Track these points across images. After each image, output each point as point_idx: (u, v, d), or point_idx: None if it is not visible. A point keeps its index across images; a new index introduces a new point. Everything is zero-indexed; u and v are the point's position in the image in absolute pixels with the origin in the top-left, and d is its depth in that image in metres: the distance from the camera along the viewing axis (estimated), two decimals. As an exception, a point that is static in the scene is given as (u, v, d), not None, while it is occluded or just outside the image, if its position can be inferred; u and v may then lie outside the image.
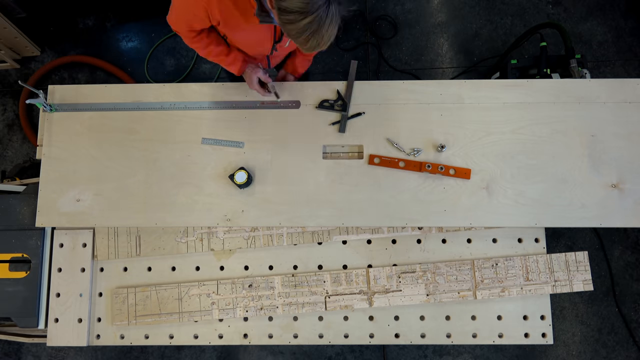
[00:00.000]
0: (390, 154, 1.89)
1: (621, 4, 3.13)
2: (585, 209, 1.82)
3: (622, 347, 2.77)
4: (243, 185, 1.83)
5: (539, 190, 1.84)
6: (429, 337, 1.87)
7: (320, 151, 1.90)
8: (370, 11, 3.21)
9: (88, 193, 1.91)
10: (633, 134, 1.87)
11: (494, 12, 3.18)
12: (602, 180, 1.84)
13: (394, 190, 1.86)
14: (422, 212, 1.84)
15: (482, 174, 1.86)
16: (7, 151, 3.15)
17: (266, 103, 1.94)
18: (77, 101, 1.99)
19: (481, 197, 1.84)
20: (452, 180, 1.86)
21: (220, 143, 1.92)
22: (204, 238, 1.94)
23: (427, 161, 1.86)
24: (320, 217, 1.86)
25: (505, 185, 1.85)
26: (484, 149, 1.87)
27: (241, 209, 1.87)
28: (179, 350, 2.86)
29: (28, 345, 2.92)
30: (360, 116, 1.92)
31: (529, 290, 1.85)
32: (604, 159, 1.85)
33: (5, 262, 1.98)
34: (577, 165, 1.85)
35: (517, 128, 1.88)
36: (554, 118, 1.89)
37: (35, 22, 3.13)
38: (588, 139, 1.87)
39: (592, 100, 1.90)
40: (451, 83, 1.94)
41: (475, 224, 1.83)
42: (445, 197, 1.85)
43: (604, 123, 1.88)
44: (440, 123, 1.90)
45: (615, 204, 1.83)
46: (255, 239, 1.93)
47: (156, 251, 1.94)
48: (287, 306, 1.88)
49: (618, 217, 1.82)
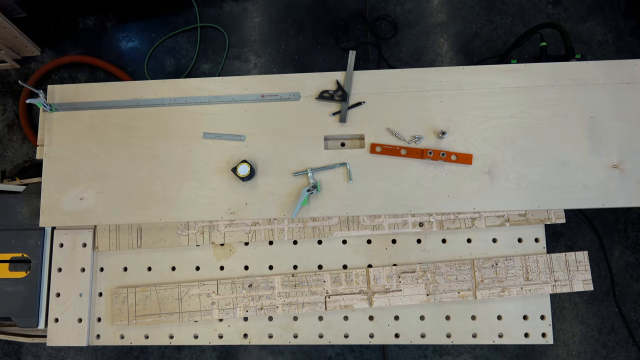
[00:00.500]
0: (392, 142, 1.89)
1: (621, 4, 3.13)
2: (587, 190, 1.84)
3: (622, 347, 2.77)
4: (246, 178, 1.84)
5: (540, 173, 1.85)
6: (429, 337, 1.87)
7: (321, 142, 1.91)
8: (370, 11, 3.21)
9: (91, 191, 1.92)
10: (632, 114, 1.89)
11: (494, 12, 3.18)
12: (602, 161, 1.86)
13: (396, 178, 1.87)
14: (425, 199, 1.85)
15: (484, 159, 1.87)
16: (7, 151, 3.15)
17: (266, 96, 1.95)
18: (77, 100, 2.00)
19: (483, 182, 1.86)
20: (454, 166, 1.87)
21: (221, 137, 1.93)
22: (205, 231, 1.94)
23: (428, 148, 1.86)
24: (323, 207, 1.86)
25: (507, 170, 1.86)
26: (484, 134, 1.89)
27: (245, 202, 1.88)
28: (179, 350, 2.86)
29: (28, 345, 2.92)
30: (360, 105, 1.93)
31: (529, 290, 1.85)
32: (604, 140, 1.87)
33: (5, 262, 1.98)
34: (578, 147, 1.87)
35: (517, 112, 1.90)
36: (552, 101, 1.90)
37: (35, 22, 3.13)
38: (587, 121, 1.88)
39: (590, 82, 1.92)
40: (450, 70, 1.95)
41: (478, 208, 1.84)
42: (447, 183, 1.86)
43: (603, 104, 1.90)
44: (440, 110, 1.92)
45: (616, 184, 1.84)
46: (257, 233, 1.93)
47: (157, 243, 1.94)
48: (287, 306, 1.88)
49: (620, 197, 1.84)
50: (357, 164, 1.90)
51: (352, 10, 3.21)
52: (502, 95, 1.92)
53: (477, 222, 1.90)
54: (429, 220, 1.91)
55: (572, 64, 1.96)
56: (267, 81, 1.98)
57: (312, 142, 1.92)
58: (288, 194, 1.88)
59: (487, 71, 1.95)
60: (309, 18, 3.23)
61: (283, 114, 1.94)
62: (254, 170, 1.87)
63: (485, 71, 1.95)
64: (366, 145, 1.91)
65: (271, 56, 3.19)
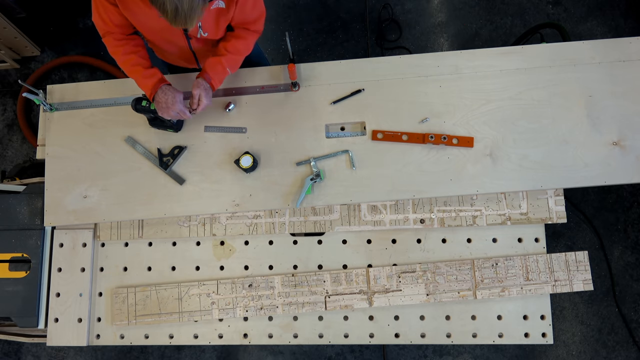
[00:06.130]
0: (393, 128, 1.90)
1: (621, 4, 3.13)
2: (589, 168, 1.85)
3: (622, 347, 2.77)
4: (249, 170, 1.85)
5: (541, 153, 1.87)
6: (429, 337, 1.87)
7: (323, 130, 1.92)
8: (370, 11, 3.21)
9: (94, 189, 1.92)
10: (629, 91, 1.91)
11: (494, 12, 3.18)
12: (602, 139, 1.87)
13: (399, 164, 1.88)
14: (428, 183, 1.86)
15: (485, 142, 1.88)
16: (7, 151, 3.15)
17: (266, 87, 1.96)
18: (76, 99, 2.00)
19: (486, 164, 1.87)
20: (455, 149, 1.88)
21: (223, 130, 1.93)
22: (207, 223, 1.94)
23: (430, 132, 1.87)
24: (327, 195, 1.87)
25: (508, 151, 1.87)
26: (485, 117, 1.90)
27: (249, 193, 1.88)
28: (179, 350, 2.86)
29: (28, 345, 2.92)
30: (360, 93, 1.94)
31: (529, 290, 1.85)
32: (603, 118, 1.89)
33: (5, 262, 1.98)
34: (578, 126, 1.88)
35: (516, 94, 1.92)
36: (551, 82, 1.92)
37: (35, 22, 3.13)
38: (586, 100, 1.90)
39: (587, 62, 1.94)
40: (447, 54, 1.97)
41: (481, 190, 1.85)
42: (450, 167, 1.87)
43: (600, 83, 1.91)
44: (439, 94, 1.93)
45: (617, 161, 1.86)
46: (258, 226, 1.93)
47: (158, 234, 1.95)
48: (287, 306, 1.88)
49: (621, 174, 1.85)
50: (359, 151, 1.90)
51: (352, 10, 3.21)
52: (500, 78, 1.93)
53: (479, 219, 1.90)
54: (430, 217, 1.91)
55: (568, 44, 1.97)
56: (266, 73, 1.99)
57: (314, 131, 1.92)
58: (292, 184, 1.89)
59: (485, 54, 1.96)
60: (309, 18, 3.23)
61: (283, 104, 1.94)
62: (256, 161, 1.88)
63: (483, 54, 1.96)
64: (368, 132, 1.91)
65: (271, 56, 3.19)
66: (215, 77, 1.73)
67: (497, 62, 1.95)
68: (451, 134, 1.88)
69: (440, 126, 1.90)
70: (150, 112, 1.74)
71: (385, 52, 3.14)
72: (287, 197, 1.88)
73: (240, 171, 1.89)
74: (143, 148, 1.94)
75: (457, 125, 1.90)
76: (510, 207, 1.90)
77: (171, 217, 1.94)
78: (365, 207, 1.93)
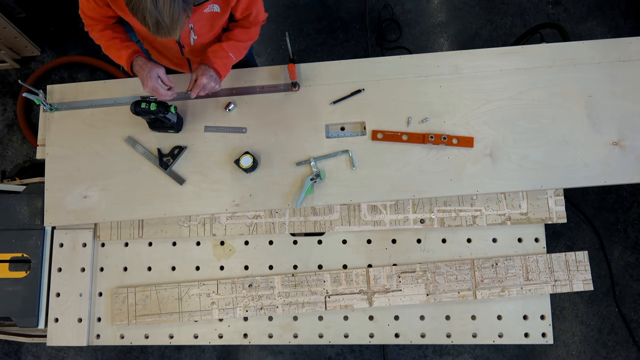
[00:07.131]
0: (393, 128, 1.90)
1: (621, 4, 3.13)
2: (589, 168, 1.85)
3: (622, 347, 2.77)
4: (249, 170, 1.85)
5: (541, 153, 1.87)
6: (429, 337, 1.87)
7: (323, 130, 1.92)
8: (370, 11, 3.21)
9: (95, 189, 1.92)
10: (629, 91, 1.91)
11: (494, 12, 3.18)
12: (602, 139, 1.87)
13: (399, 164, 1.88)
14: (428, 183, 1.86)
15: (485, 141, 1.88)
16: (7, 151, 3.15)
17: (266, 87, 1.96)
18: (76, 99, 2.00)
19: (486, 164, 1.87)
20: (455, 149, 1.88)
21: (223, 130, 1.93)
22: (207, 223, 1.94)
23: (430, 132, 1.88)
24: (327, 195, 1.87)
25: (508, 151, 1.87)
26: (484, 117, 1.90)
27: (249, 193, 1.88)
28: (179, 350, 2.86)
29: (28, 345, 2.92)
30: (360, 93, 1.94)
31: (529, 290, 1.85)
32: (603, 118, 1.89)
33: (5, 262, 1.98)
34: (578, 126, 1.88)
35: (516, 94, 1.92)
36: (551, 82, 1.92)
37: (35, 22, 3.13)
38: (586, 100, 1.90)
39: (587, 62, 1.94)
40: (447, 54, 1.97)
41: (481, 190, 1.85)
42: (450, 167, 1.87)
43: (600, 83, 1.92)
44: (439, 94, 1.93)
45: (617, 161, 1.86)
46: (258, 226, 1.93)
47: (158, 234, 1.95)
48: (287, 306, 1.88)
49: (621, 174, 1.85)
50: (359, 151, 1.90)
51: (352, 10, 3.21)
52: (500, 78, 1.93)
53: (479, 220, 1.90)
54: (430, 217, 1.91)
55: (568, 44, 1.98)
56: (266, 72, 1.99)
57: (314, 131, 1.92)
58: (292, 184, 1.89)
59: (485, 54, 1.96)
60: (309, 18, 3.23)
61: (283, 104, 1.94)
62: (256, 161, 1.88)
63: (483, 54, 1.96)
64: (367, 132, 1.92)
65: (271, 56, 3.19)
66: (217, 62, 1.71)
67: (497, 62, 1.95)
68: (451, 134, 1.88)
69: (440, 126, 1.90)
70: (150, 114, 1.73)
71: (385, 52, 3.14)
72: (287, 197, 1.88)
73: (240, 171, 1.89)
74: (143, 148, 1.94)
75: (457, 125, 1.90)
76: (510, 207, 1.90)
77: (171, 217, 1.94)
78: (365, 207, 1.93)
